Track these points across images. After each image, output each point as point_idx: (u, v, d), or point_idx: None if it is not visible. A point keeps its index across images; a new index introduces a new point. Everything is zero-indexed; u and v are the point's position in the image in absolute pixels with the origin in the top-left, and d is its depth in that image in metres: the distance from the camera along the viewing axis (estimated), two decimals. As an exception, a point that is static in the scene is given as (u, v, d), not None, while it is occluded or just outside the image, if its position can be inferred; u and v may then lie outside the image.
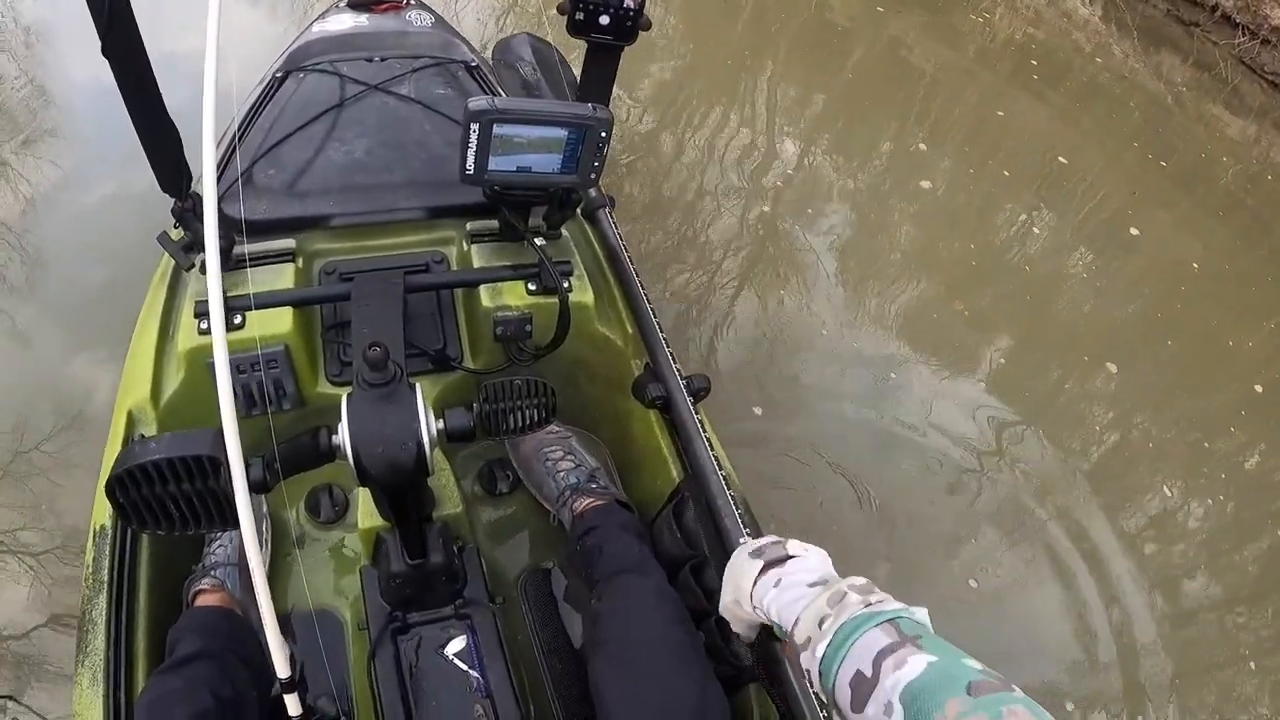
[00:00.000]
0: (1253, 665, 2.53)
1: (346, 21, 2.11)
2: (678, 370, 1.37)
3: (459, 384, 1.54)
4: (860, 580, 0.83)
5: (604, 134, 1.25)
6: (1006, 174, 4.37)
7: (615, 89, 1.30)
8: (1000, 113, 4.91)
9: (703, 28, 4.79)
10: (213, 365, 1.30)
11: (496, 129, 1.23)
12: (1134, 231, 4.26)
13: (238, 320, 1.36)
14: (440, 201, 1.59)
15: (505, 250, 1.51)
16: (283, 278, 1.46)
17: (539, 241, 1.41)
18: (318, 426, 1.04)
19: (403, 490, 1.12)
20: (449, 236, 1.60)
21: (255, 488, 0.94)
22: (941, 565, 2.48)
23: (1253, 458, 3.30)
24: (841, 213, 3.70)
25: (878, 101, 4.68)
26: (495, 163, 1.26)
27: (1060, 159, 4.58)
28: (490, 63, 2.07)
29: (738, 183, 3.62)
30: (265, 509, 1.53)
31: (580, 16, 1.21)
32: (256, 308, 1.33)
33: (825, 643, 0.76)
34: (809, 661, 0.79)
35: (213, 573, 1.41)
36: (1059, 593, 2.53)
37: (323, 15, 2.19)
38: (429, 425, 1.04)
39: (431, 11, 2.21)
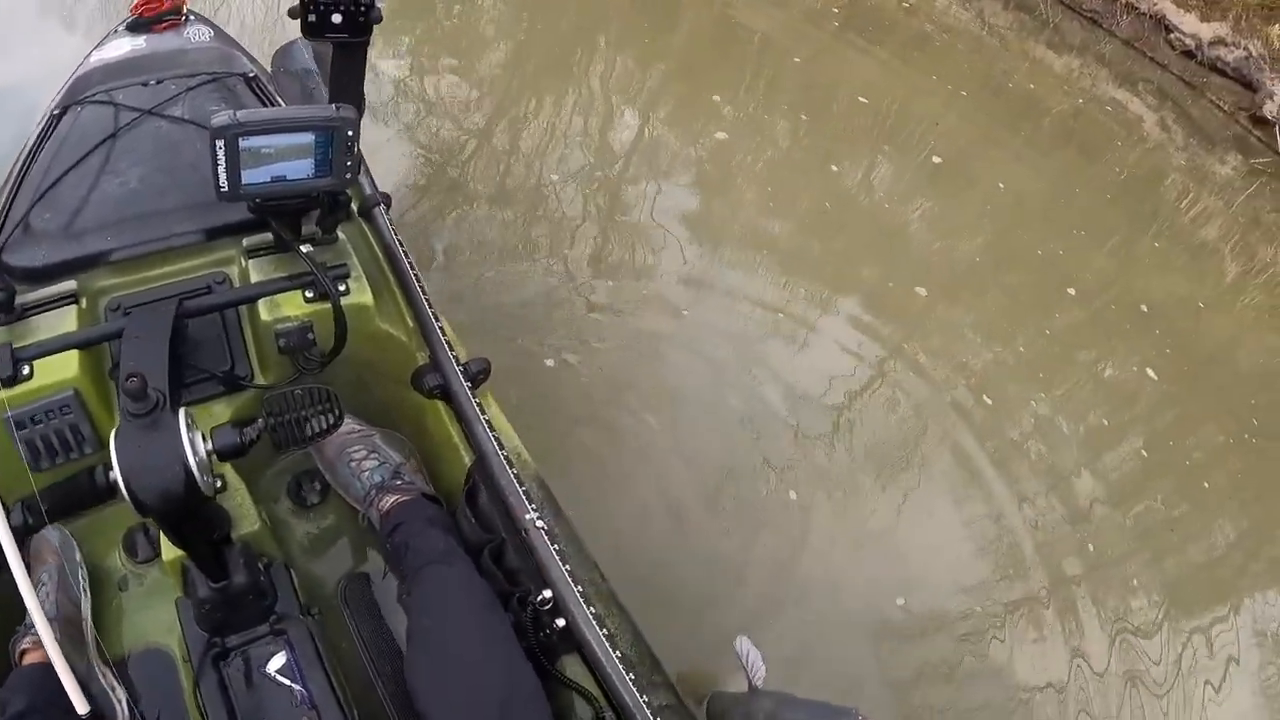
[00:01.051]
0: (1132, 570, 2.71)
1: (124, 46, 2.05)
2: (454, 357, 1.38)
3: (253, 402, 1.52)
4: None
5: (350, 132, 1.25)
6: (804, 117, 4.53)
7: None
8: (796, 59, 5.08)
9: (531, 6, 4.79)
10: (8, 420, 1.29)
11: (243, 142, 1.21)
12: (936, 160, 4.51)
13: (25, 371, 1.32)
14: (216, 221, 1.56)
15: (283, 262, 1.49)
16: (66, 321, 1.42)
17: (306, 249, 1.41)
18: (94, 465, 1.02)
19: (183, 517, 1.11)
20: (229, 255, 1.58)
21: (19, 532, 0.93)
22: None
23: (1070, 350, 3.56)
24: (683, 176, 3.78)
25: (711, 65, 4.78)
26: (248, 176, 1.25)
27: (861, 98, 4.81)
28: (270, 71, 2.02)
29: (580, 158, 3.64)
30: (78, 556, 1.48)
31: (313, 19, 1.21)
32: (34, 358, 1.31)
33: None
34: None
35: (32, 630, 1.37)
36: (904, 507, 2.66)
37: (100, 43, 2.11)
38: (195, 448, 1.03)
39: (211, 25, 2.15)
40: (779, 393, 2.84)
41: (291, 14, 1.20)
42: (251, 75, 1.92)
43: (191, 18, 2.17)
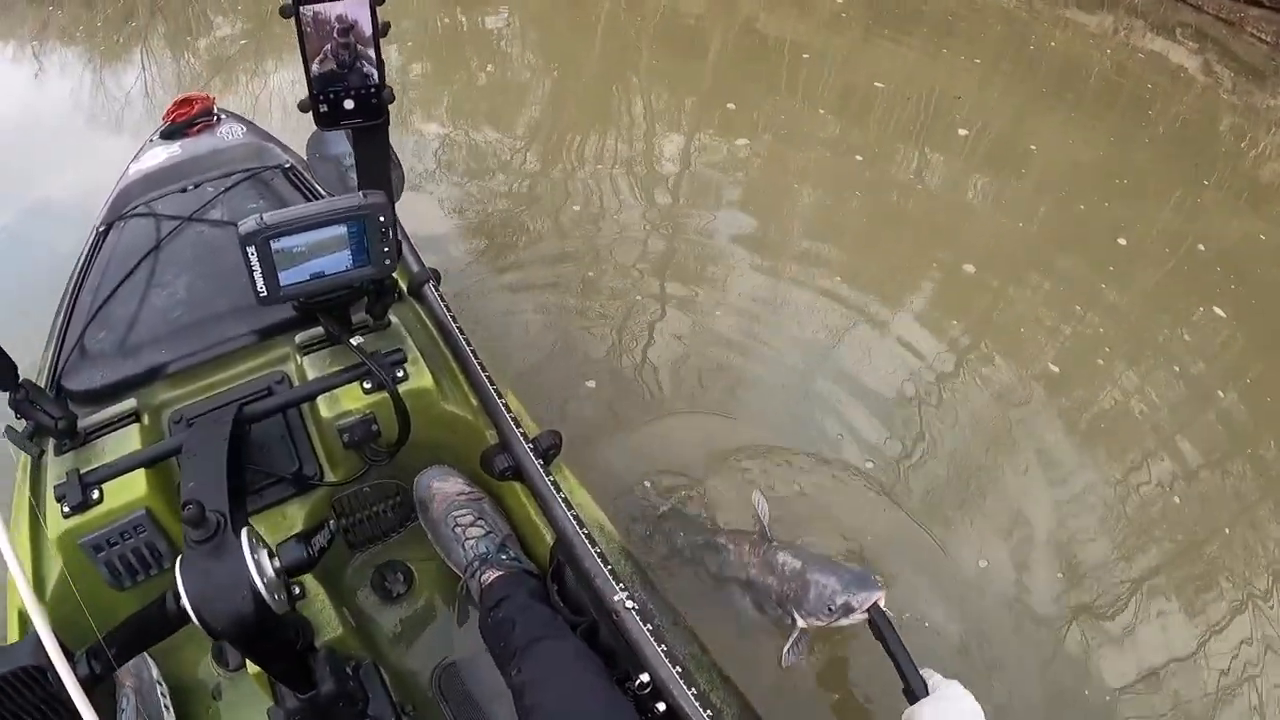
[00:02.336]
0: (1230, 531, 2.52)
1: (160, 155, 2.08)
2: (522, 434, 1.33)
3: (326, 500, 1.50)
4: None
5: (382, 218, 1.22)
6: (829, 114, 4.41)
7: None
8: (826, 61, 4.99)
9: (561, 54, 4.81)
10: (85, 545, 1.28)
11: (274, 244, 1.19)
12: (962, 132, 4.39)
13: (95, 495, 1.31)
14: (267, 321, 1.56)
15: (338, 354, 1.47)
16: (130, 440, 1.41)
17: (356, 341, 1.38)
18: (163, 594, 1.00)
19: (259, 637, 1.07)
20: (285, 353, 1.56)
21: (88, 683, 0.90)
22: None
23: (1146, 307, 3.37)
24: (738, 191, 3.71)
25: (746, 80, 4.71)
26: (286, 277, 1.23)
27: (877, 83, 4.65)
28: (306, 159, 2.03)
29: (633, 191, 3.60)
30: (155, 673, 1.47)
31: (324, 109, 1.17)
32: (102, 481, 1.30)
33: None
34: None
35: None
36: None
37: (137, 155, 2.15)
38: (261, 569, 1.00)
39: (243, 121, 2.17)
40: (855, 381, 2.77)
41: (302, 107, 1.17)
42: (288, 166, 1.93)
43: (223, 116, 2.20)
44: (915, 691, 1.36)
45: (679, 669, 1.04)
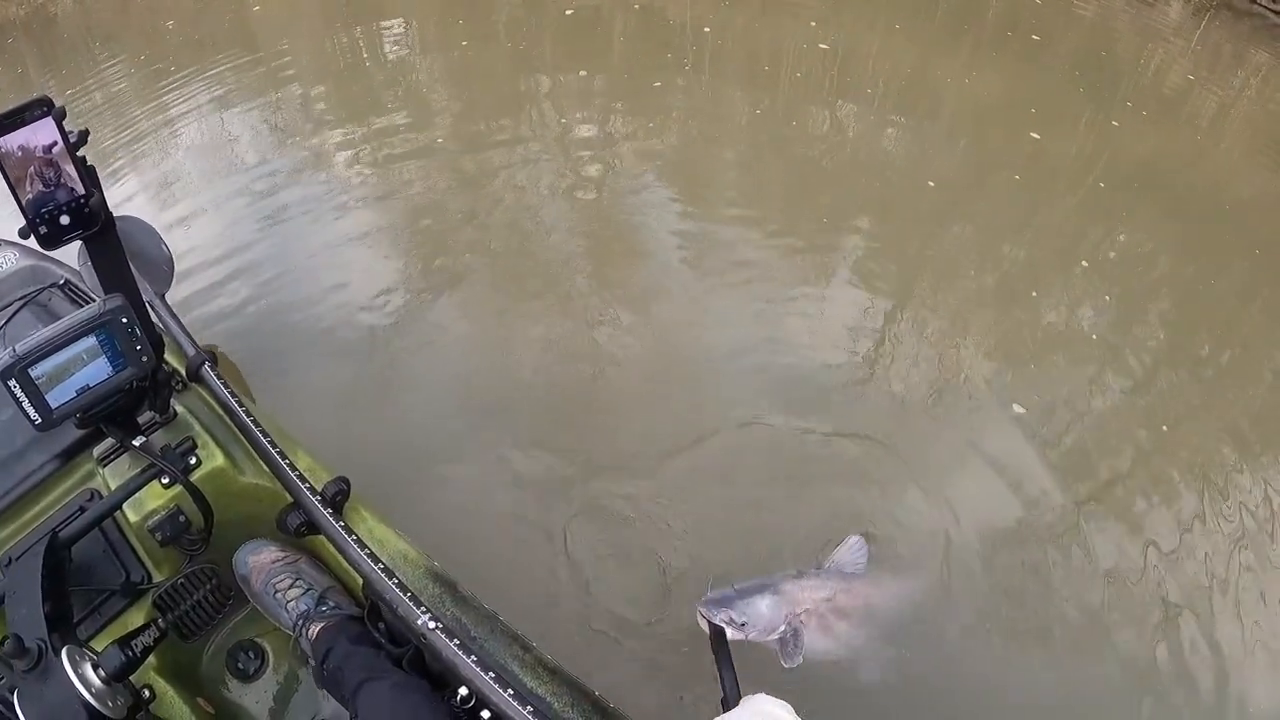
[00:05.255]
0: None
1: (-67, 301, 2.02)
2: (309, 489, 1.37)
3: None
4: None
5: (125, 319, 1.23)
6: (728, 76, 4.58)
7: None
8: (707, 29, 5.11)
9: (468, 57, 4.84)
10: None
11: (33, 371, 1.19)
12: (823, 46, 4.61)
13: None
14: (64, 444, 1.56)
15: (135, 458, 1.47)
16: None
17: (139, 440, 1.39)
18: None
19: None
20: (90, 469, 1.56)
21: None
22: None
23: (1073, 234, 3.54)
24: (655, 169, 3.77)
25: (653, 60, 4.80)
26: (55, 399, 1.23)
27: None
28: (79, 267, 1.99)
29: (557, 177, 3.64)
30: None
31: (44, 230, 1.18)
32: None
33: None
34: None
35: None
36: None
37: None
38: (87, 683, 1.03)
39: (13, 244, 2.11)
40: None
41: (23, 234, 1.17)
42: (63, 282, 1.90)
43: (-6, 245, 2.14)
44: (729, 701, 1.38)
45: (492, 674, 1.09)
